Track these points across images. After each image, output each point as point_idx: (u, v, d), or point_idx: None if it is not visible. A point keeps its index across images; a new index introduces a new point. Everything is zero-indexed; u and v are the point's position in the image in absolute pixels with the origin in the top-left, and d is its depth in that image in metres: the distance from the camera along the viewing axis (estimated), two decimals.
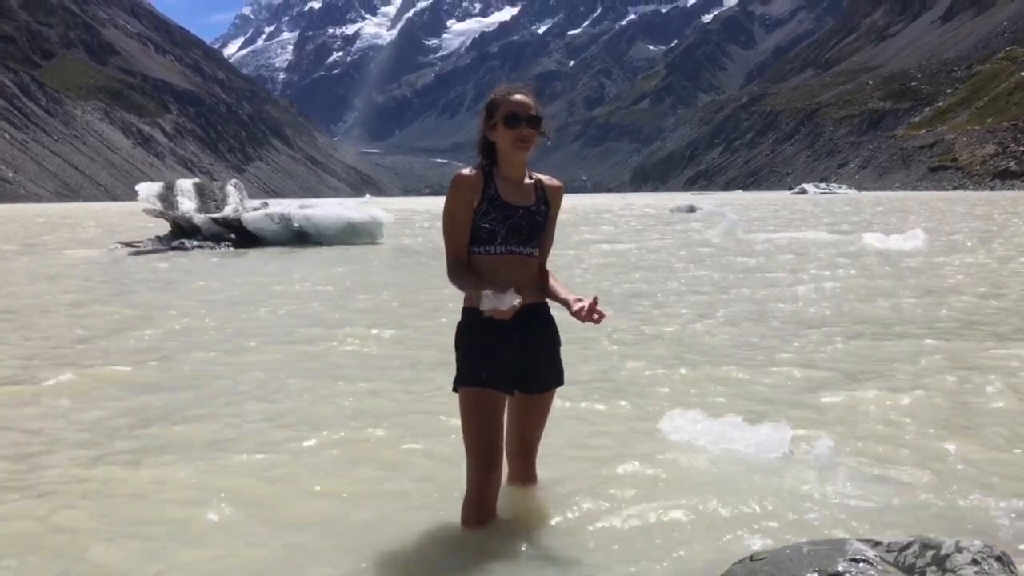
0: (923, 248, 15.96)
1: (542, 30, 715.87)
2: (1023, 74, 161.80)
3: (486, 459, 3.01)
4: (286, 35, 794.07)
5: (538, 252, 3.14)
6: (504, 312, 2.78)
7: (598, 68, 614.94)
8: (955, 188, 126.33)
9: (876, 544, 2.24)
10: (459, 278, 3.02)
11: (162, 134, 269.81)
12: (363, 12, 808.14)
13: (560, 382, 3.27)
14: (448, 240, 3.06)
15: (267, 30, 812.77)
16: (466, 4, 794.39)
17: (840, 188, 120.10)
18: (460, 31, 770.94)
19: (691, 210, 42.42)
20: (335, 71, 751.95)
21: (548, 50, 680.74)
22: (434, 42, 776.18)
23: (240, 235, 20.30)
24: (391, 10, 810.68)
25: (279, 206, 22.31)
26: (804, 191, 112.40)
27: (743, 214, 32.50)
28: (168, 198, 21.22)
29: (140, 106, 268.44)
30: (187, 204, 21.02)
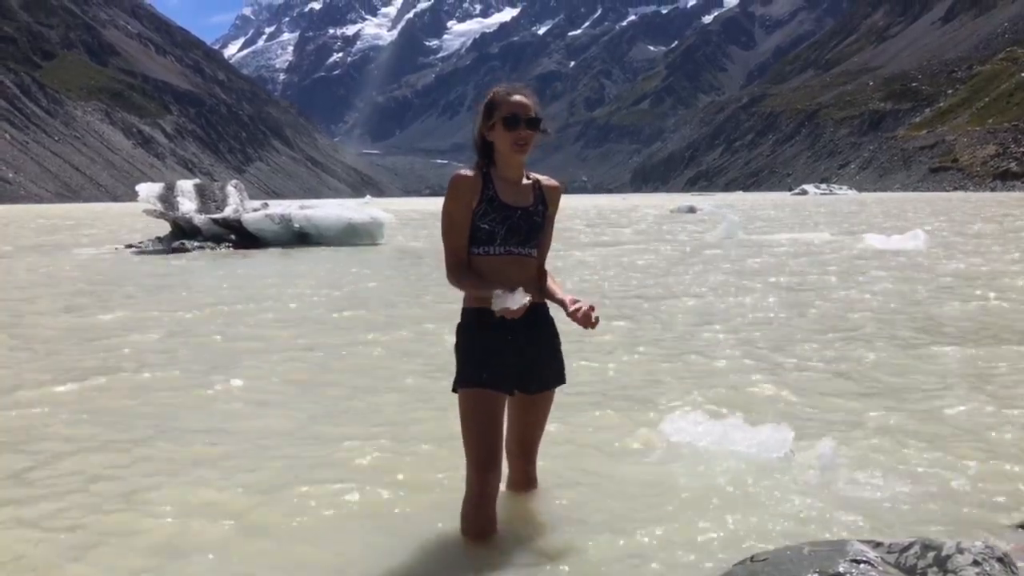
0: (924, 248, 15.98)
1: (542, 31, 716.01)
2: (1023, 75, 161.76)
3: (485, 460, 3.00)
4: (286, 36, 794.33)
5: (536, 252, 3.14)
6: (515, 311, 2.79)
7: (598, 69, 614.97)
8: (956, 189, 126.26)
9: (877, 545, 2.24)
10: (460, 279, 3.02)
11: (163, 135, 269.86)
12: (363, 13, 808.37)
13: (562, 380, 3.27)
14: (447, 241, 3.05)
15: (267, 31, 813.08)
16: (466, 5, 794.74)
17: (841, 189, 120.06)
18: (460, 32, 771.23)
19: (691, 211, 42.40)
20: (335, 72, 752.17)
21: (548, 51, 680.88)
22: (434, 43, 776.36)
23: (240, 236, 20.30)
24: (391, 11, 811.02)
25: (279, 207, 22.29)
26: (805, 192, 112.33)
27: (744, 215, 32.47)
28: (168, 199, 21.22)
29: (141, 107, 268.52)
30: (187, 205, 21.01)
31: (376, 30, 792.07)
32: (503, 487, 3.20)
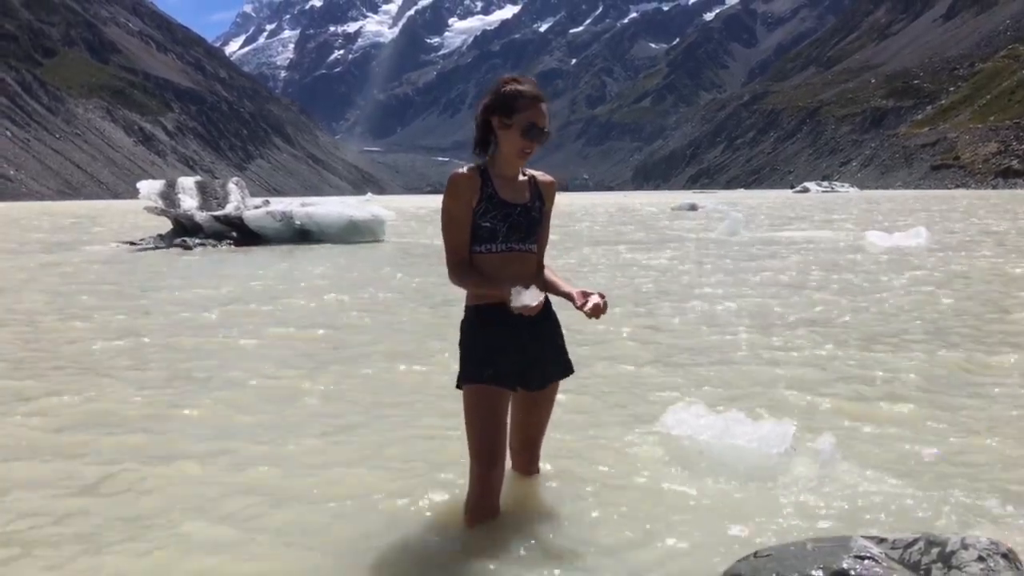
0: (925, 246, 15.97)
1: (544, 28, 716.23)
2: None
3: (489, 457, 3.00)
4: (287, 33, 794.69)
5: (536, 247, 3.14)
6: (534, 308, 2.81)
7: (600, 66, 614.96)
8: (957, 186, 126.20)
9: (881, 541, 2.24)
10: (463, 277, 3.01)
11: (164, 132, 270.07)
12: (364, 10, 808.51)
13: (569, 371, 3.28)
14: (448, 240, 3.04)
15: (268, 28, 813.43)
16: (468, 2, 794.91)
17: (842, 187, 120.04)
18: (462, 29, 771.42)
19: (693, 208, 42.43)
20: (336, 69, 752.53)
21: (550, 48, 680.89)
22: (436, 40, 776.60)
23: (242, 233, 20.28)
24: (393, 8, 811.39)
25: (281, 204, 22.27)
26: (806, 189, 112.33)
27: (746, 213, 32.44)
28: (170, 196, 21.22)
29: (142, 104, 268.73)
30: (189, 202, 21.01)
31: (377, 27, 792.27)
32: (506, 478, 3.20)
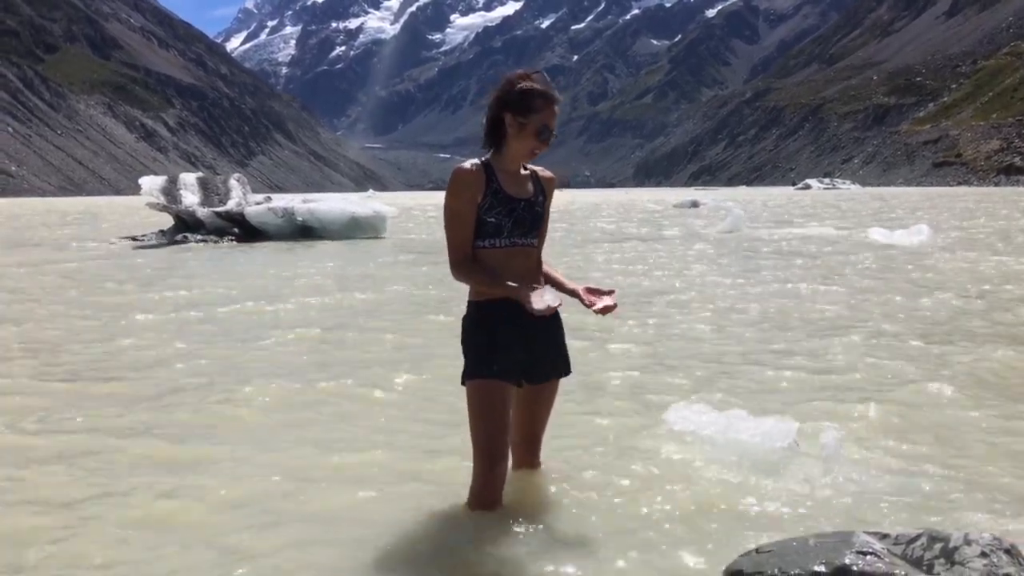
0: (928, 243, 15.93)
1: (545, 24, 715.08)
2: None
3: (493, 452, 3.00)
4: (289, 29, 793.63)
5: (537, 241, 3.15)
6: (554, 309, 2.83)
7: (601, 63, 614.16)
8: (959, 184, 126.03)
9: (883, 537, 2.23)
10: (468, 273, 3.00)
11: (165, 128, 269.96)
12: (366, 6, 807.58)
13: (568, 370, 3.29)
14: (452, 236, 3.02)
15: (270, 24, 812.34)
16: None
17: (844, 184, 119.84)
18: (463, 25, 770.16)
19: (694, 205, 42.37)
20: (338, 66, 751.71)
21: (551, 45, 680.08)
22: (437, 36, 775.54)
23: (243, 229, 20.27)
24: (394, 4, 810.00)
25: (282, 200, 22.27)
26: (808, 186, 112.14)
27: (747, 210, 32.40)
28: (171, 192, 21.21)
29: (143, 100, 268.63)
30: (190, 198, 20.99)
31: (379, 24, 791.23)
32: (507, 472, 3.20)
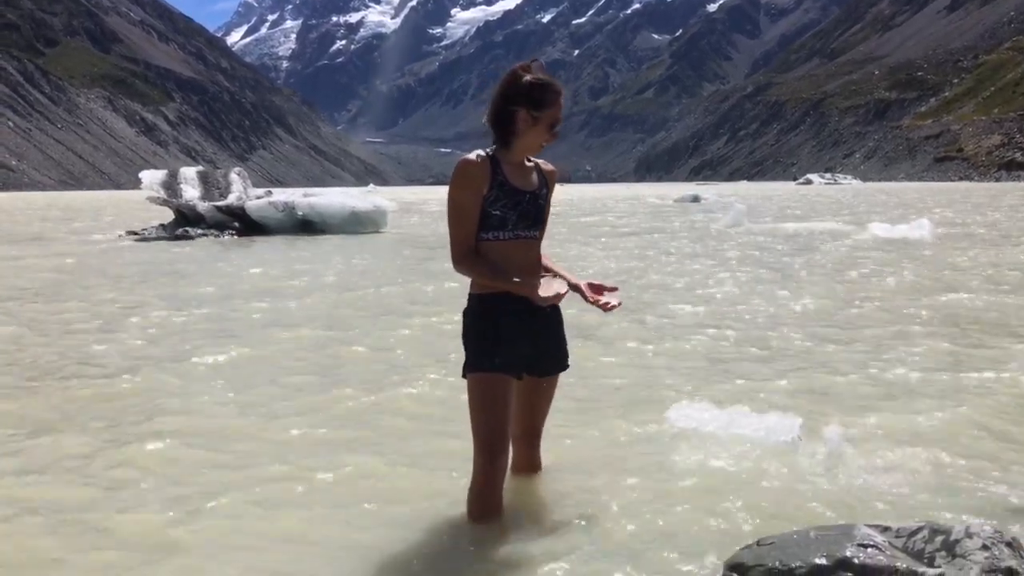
0: (929, 237, 15.94)
1: (546, 19, 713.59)
2: None
3: (495, 445, 2.98)
4: (289, 23, 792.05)
5: (539, 234, 3.14)
6: (562, 296, 2.89)
7: (603, 57, 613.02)
8: (961, 179, 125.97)
9: (885, 529, 2.24)
10: (472, 267, 2.98)
11: (165, 122, 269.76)
12: (367, 0, 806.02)
13: (567, 365, 3.28)
14: (456, 229, 2.99)
15: (270, 18, 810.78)
16: None
17: (845, 179, 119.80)
18: (464, 20, 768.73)
19: (695, 200, 42.35)
20: (339, 60, 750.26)
21: (552, 39, 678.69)
22: (438, 31, 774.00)
23: (244, 223, 20.26)
24: None
25: (283, 195, 22.26)
26: (809, 181, 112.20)
27: (749, 205, 32.35)
28: (172, 186, 21.18)
29: (143, 94, 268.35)
30: (191, 192, 20.97)
31: (379, 18, 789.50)
32: (508, 472, 3.18)
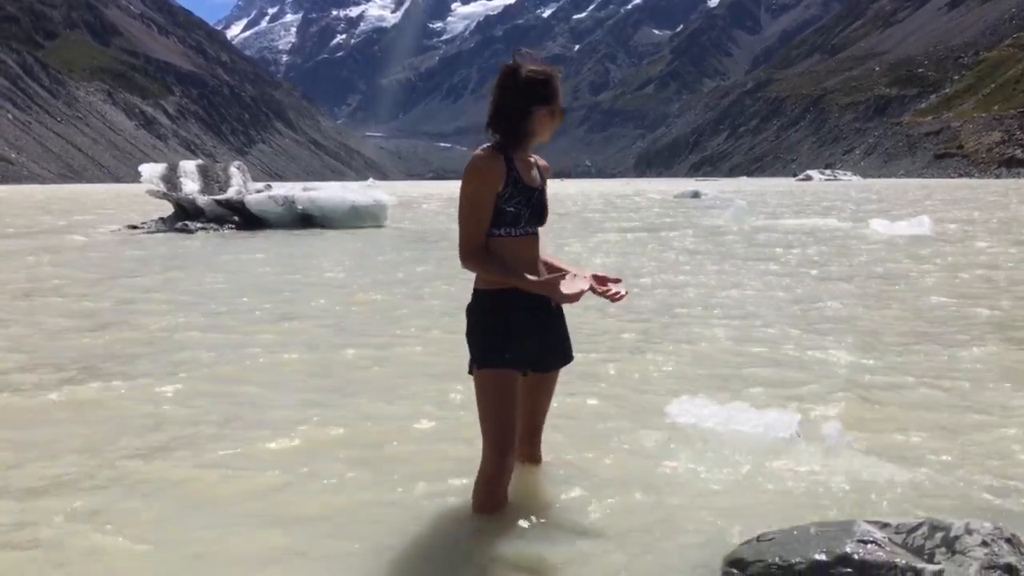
0: (929, 234, 15.95)
1: (547, 14, 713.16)
2: None
3: (504, 441, 2.98)
4: (289, 17, 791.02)
5: (540, 230, 3.16)
6: (585, 291, 2.90)
7: (603, 53, 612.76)
8: (960, 175, 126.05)
9: (884, 526, 2.24)
10: (483, 264, 2.96)
11: (165, 116, 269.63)
12: None
13: (571, 357, 3.29)
14: (469, 226, 2.96)
15: (270, 11, 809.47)
16: None
17: (845, 175, 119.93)
18: (465, 14, 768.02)
19: (696, 196, 42.36)
20: (339, 54, 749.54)
21: (553, 34, 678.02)
22: (439, 25, 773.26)
23: (244, 217, 20.23)
24: None
25: (283, 189, 22.21)
26: (809, 178, 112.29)
27: (749, 201, 32.33)
28: (171, 179, 21.15)
29: (143, 87, 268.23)
30: (190, 185, 20.94)
31: (380, 12, 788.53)
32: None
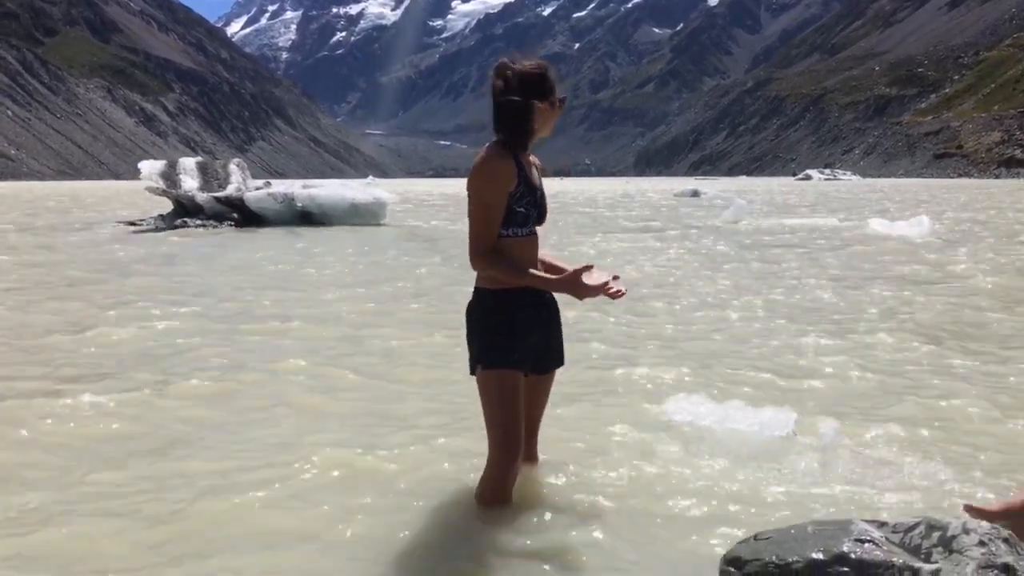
0: (928, 234, 15.97)
1: (547, 12, 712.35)
2: None
3: (511, 441, 2.96)
4: (289, 14, 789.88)
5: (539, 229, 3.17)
6: (607, 281, 2.91)
7: (603, 51, 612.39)
8: (960, 176, 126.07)
9: (882, 525, 2.25)
10: (494, 264, 2.94)
11: (164, 113, 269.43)
12: None
13: (563, 361, 3.29)
14: (483, 227, 2.94)
15: (270, 9, 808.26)
16: None
17: (844, 175, 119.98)
18: (465, 12, 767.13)
19: (695, 195, 42.37)
20: (339, 51, 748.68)
21: (553, 32, 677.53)
22: (439, 23, 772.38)
23: (243, 214, 20.22)
24: None
25: (282, 186, 22.20)
26: (808, 177, 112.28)
27: (749, 200, 32.34)
28: (171, 176, 21.14)
29: (143, 84, 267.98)
30: (190, 183, 20.93)
31: (380, 9, 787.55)
32: None
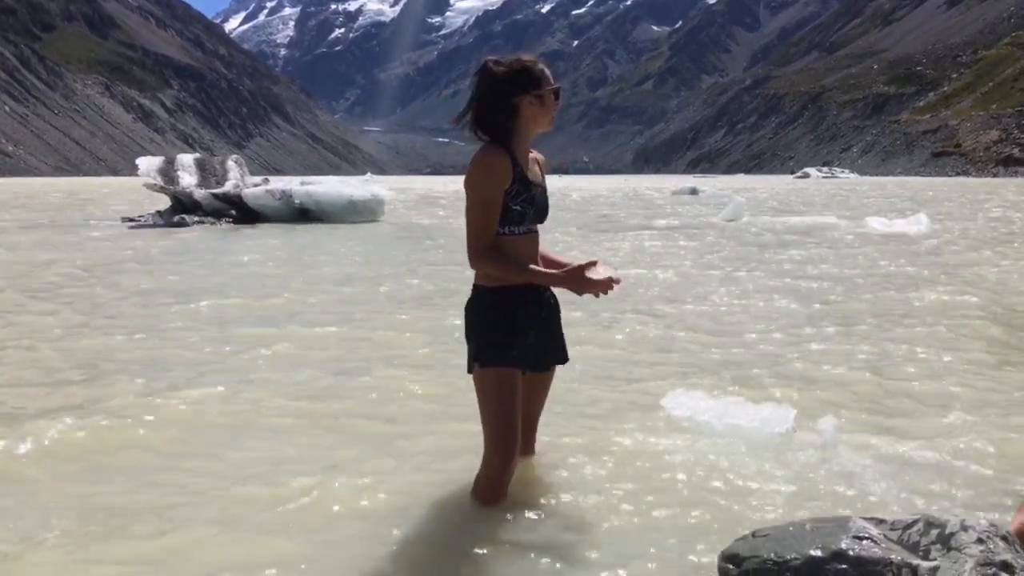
0: (927, 232, 15.97)
1: (546, 9, 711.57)
2: None
3: (508, 440, 2.95)
4: (288, 11, 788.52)
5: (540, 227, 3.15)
6: (613, 276, 2.89)
7: (602, 48, 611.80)
8: (958, 174, 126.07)
9: (880, 522, 2.25)
10: (493, 261, 2.92)
11: (163, 109, 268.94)
12: None
13: (567, 358, 3.28)
14: (481, 224, 2.91)
15: (269, 5, 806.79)
16: None
17: (843, 173, 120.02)
18: (463, 9, 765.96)
19: (693, 192, 42.39)
20: (337, 48, 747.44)
21: (552, 30, 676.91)
22: (437, 20, 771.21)
23: (241, 211, 20.20)
24: None
25: (280, 183, 22.20)
26: (807, 175, 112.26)
27: (747, 198, 32.35)
28: (169, 173, 21.10)
29: (141, 80, 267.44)
30: (188, 179, 20.90)
31: (378, 6, 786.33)
32: None
